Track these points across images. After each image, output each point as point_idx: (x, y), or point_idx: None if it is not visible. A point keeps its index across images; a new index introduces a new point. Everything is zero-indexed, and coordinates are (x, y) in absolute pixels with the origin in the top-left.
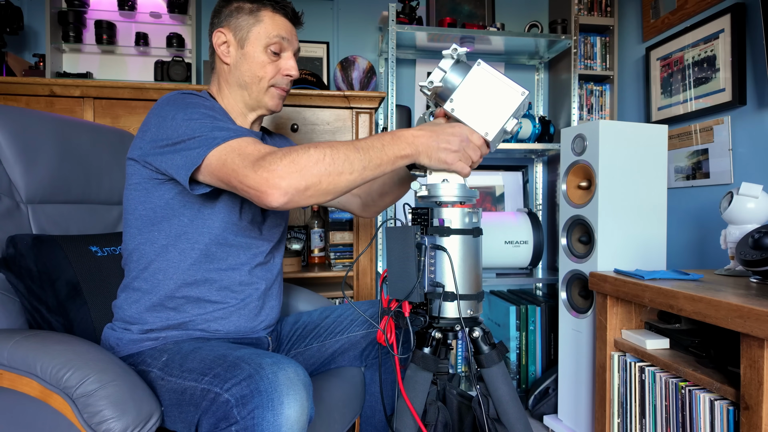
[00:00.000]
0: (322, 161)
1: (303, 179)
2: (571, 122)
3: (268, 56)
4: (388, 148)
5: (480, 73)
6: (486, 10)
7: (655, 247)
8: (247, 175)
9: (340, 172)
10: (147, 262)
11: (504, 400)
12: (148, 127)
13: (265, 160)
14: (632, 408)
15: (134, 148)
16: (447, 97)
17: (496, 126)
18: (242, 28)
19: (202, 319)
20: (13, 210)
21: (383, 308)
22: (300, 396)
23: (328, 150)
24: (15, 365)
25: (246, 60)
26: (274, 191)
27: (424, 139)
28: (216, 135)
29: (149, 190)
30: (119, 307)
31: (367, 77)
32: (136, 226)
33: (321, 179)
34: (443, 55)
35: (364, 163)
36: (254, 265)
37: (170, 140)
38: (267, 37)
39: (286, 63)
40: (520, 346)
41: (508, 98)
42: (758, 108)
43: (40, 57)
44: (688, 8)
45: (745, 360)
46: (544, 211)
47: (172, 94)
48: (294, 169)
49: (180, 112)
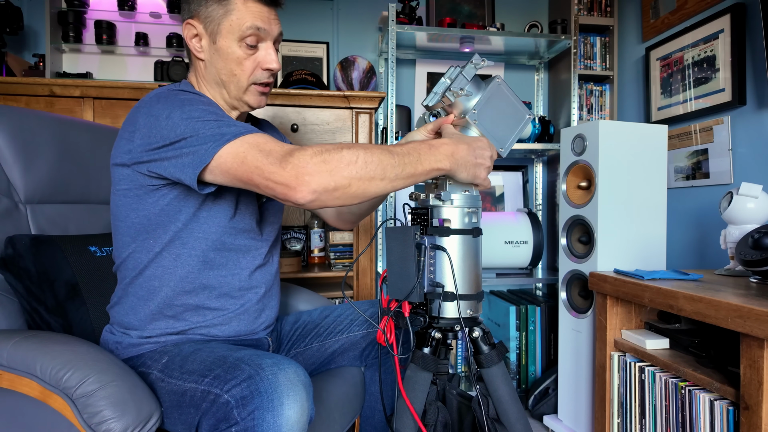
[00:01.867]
0: (355, 164)
1: (333, 180)
2: (571, 122)
3: (243, 50)
4: (425, 159)
5: (500, 89)
6: (486, 10)
7: (655, 247)
8: (274, 171)
9: (372, 177)
10: (141, 268)
11: (504, 400)
12: (137, 127)
13: (294, 156)
14: (632, 408)
15: (121, 153)
16: (462, 107)
17: (508, 142)
18: (212, 19)
19: (202, 326)
20: (12, 210)
21: (383, 308)
22: (300, 397)
23: (361, 153)
24: (14, 366)
25: (220, 56)
26: (303, 188)
27: (463, 153)
28: (224, 131)
29: (141, 197)
30: (117, 314)
31: (367, 77)
32: (129, 234)
33: (351, 182)
34: (473, 63)
35: (397, 171)
36: (253, 269)
37: (167, 140)
38: (240, 29)
39: (264, 56)
40: (520, 346)
41: (518, 118)
42: (758, 108)
43: (39, 57)
44: (688, 8)
45: (745, 360)
46: (544, 211)
47: (159, 90)
48: (325, 168)
49: (176, 109)
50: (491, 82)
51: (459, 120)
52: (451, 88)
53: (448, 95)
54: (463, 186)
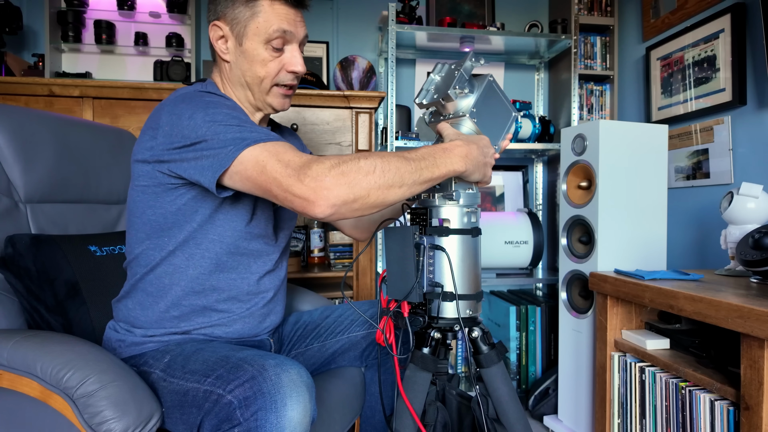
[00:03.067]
0: (372, 174)
1: (352, 192)
2: (571, 122)
3: (269, 53)
4: (440, 162)
5: (492, 88)
6: (486, 10)
7: (655, 247)
8: (293, 184)
9: (390, 185)
10: (153, 266)
11: (503, 400)
12: (159, 125)
13: (312, 169)
14: (632, 408)
15: (143, 149)
16: (457, 106)
17: (500, 140)
18: (239, 21)
19: (206, 326)
20: (12, 209)
21: (382, 308)
22: (303, 397)
23: (378, 161)
24: (15, 365)
25: (245, 58)
26: (322, 202)
27: (475, 153)
28: (246, 136)
29: (159, 195)
30: (123, 309)
31: (367, 77)
32: (144, 231)
33: (370, 192)
34: (472, 60)
35: (414, 177)
36: (263, 274)
37: (188, 140)
38: (266, 32)
39: (290, 58)
40: (520, 347)
41: (507, 116)
42: (758, 108)
43: (39, 57)
44: (688, 8)
45: (745, 360)
46: (544, 211)
47: (186, 90)
48: (343, 181)
49: (199, 111)
50: (484, 80)
51: (454, 118)
52: (456, 87)
53: (451, 94)
54: (468, 184)
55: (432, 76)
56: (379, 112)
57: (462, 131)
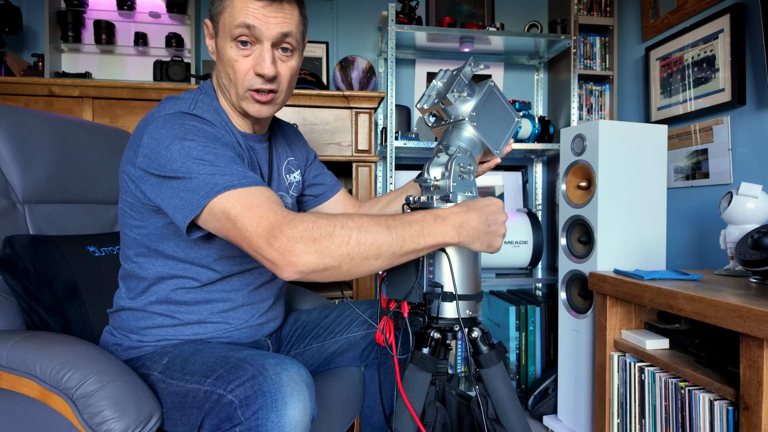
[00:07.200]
0: (346, 245)
1: (322, 261)
2: (571, 122)
3: (234, 51)
4: (428, 232)
5: (493, 92)
6: (485, 10)
7: (654, 247)
8: (262, 246)
9: (365, 257)
10: (144, 286)
11: (503, 400)
12: (141, 144)
13: (283, 232)
14: (632, 408)
15: (128, 161)
16: (457, 110)
17: (502, 144)
18: (214, 17)
19: (201, 335)
20: (10, 210)
21: (382, 308)
22: (303, 396)
23: (354, 232)
24: (14, 366)
25: (219, 57)
26: (290, 269)
27: (474, 222)
28: (217, 181)
29: (144, 214)
30: (119, 319)
31: (367, 77)
32: (132, 249)
33: (342, 263)
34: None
35: (394, 249)
36: (259, 285)
37: (164, 172)
38: (230, 28)
39: (256, 58)
40: (519, 347)
41: (509, 120)
42: (758, 108)
43: (38, 57)
44: (688, 8)
45: (745, 360)
46: (543, 211)
47: (172, 107)
48: (314, 249)
49: (176, 142)
50: (485, 85)
51: (454, 122)
52: (454, 90)
53: (450, 97)
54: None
55: (434, 81)
56: (378, 112)
57: (462, 136)
